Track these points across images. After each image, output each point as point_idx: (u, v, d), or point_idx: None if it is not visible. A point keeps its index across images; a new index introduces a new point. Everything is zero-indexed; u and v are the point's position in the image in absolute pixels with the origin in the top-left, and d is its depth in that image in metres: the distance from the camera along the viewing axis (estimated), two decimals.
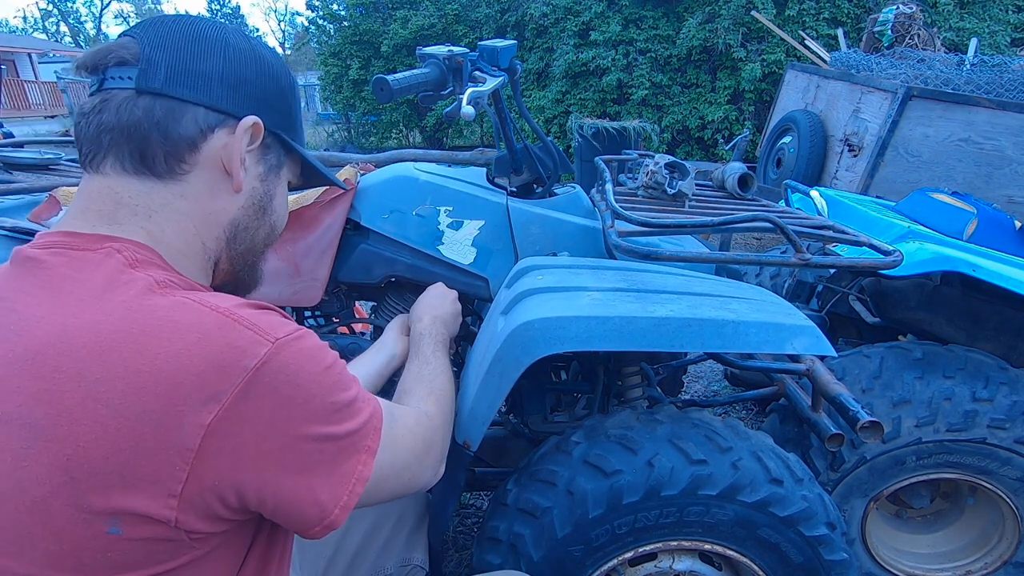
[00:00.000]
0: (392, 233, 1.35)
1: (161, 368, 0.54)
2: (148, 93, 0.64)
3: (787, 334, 1.01)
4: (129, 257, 0.62)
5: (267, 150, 0.74)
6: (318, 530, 0.64)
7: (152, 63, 0.64)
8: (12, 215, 1.42)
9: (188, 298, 0.60)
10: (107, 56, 0.65)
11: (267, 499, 0.60)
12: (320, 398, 0.62)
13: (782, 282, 2.35)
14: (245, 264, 0.77)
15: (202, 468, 0.55)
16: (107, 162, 0.65)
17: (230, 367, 0.56)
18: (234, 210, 0.72)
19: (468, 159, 6.38)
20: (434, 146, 9.99)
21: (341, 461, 0.64)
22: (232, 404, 0.56)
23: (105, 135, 0.64)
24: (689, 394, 2.82)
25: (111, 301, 0.58)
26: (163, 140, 0.65)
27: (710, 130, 7.66)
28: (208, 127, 0.67)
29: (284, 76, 0.75)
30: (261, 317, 0.61)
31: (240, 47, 0.70)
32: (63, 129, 8.07)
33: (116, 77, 0.65)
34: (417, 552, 1.15)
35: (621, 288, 1.10)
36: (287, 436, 0.60)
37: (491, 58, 1.24)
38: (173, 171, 0.66)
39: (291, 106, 0.76)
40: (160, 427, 0.54)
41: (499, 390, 0.99)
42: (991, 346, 1.68)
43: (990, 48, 6.76)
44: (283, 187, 0.79)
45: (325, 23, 10.36)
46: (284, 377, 0.59)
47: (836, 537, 1.09)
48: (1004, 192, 3.49)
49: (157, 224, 0.66)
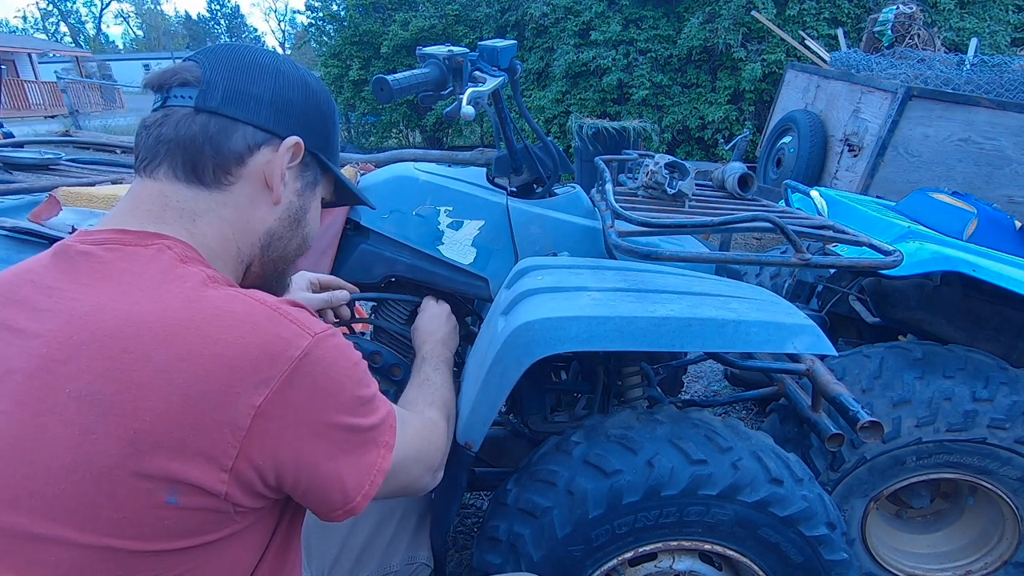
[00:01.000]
0: (392, 233, 1.35)
1: (222, 353, 0.60)
2: (205, 111, 0.72)
3: (788, 333, 1.01)
4: (179, 253, 0.68)
5: (305, 168, 0.81)
6: (340, 514, 0.70)
7: (211, 85, 0.72)
8: (12, 215, 1.42)
9: (239, 292, 0.67)
10: (172, 77, 0.73)
11: (301, 480, 0.66)
12: (349, 391, 0.68)
13: (782, 282, 2.35)
14: (275, 271, 0.84)
15: (250, 446, 0.61)
16: (161, 169, 0.72)
17: (279, 355, 0.62)
18: (271, 220, 0.79)
19: (468, 159, 6.39)
20: (434, 146, 9.98)
21: (364, 452, 0.71)
22: (279, 388, 0.62)
23: (163, 146, 0.71)
24: (689, 394, 2.82)
25: (170, 292, 0.63)
26: (214, 153, 0.72)
27: (710, 130, 7.66)
28: (255, 144, 0.74)
29: (326, 103, 0.83)
30: (300, 313, 0.67)
31: (289, 74, 0.78)
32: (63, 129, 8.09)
33: (178, 96, 0.72)
34: (422, 550, 1.16)
35: (621, 288, 1.10)
36: (320, 423, 0.66)
37: (491, 58, 1.24)
38: (220, 181, 0.73)
39: (330, 130, 0.84)
40: (218, 406, 0.59)
41: (500, 390, 0.99)
42: (991, 346, 1.68)
43: (990, 48, 6.75)
44: (317, 203, 0.86)
45: (325, 24, 10.36)
46: (321, 368, 0.65)
47: (836, 537, 1.09)
48: (1004, 192, 3.49)
49: (199, 227, 0.72)
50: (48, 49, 24.76)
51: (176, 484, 0.59)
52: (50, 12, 43.89)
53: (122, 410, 0.58)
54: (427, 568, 1.16)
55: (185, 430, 0.58)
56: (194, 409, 0.58)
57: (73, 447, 0.57)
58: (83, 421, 0.58)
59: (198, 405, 0.59)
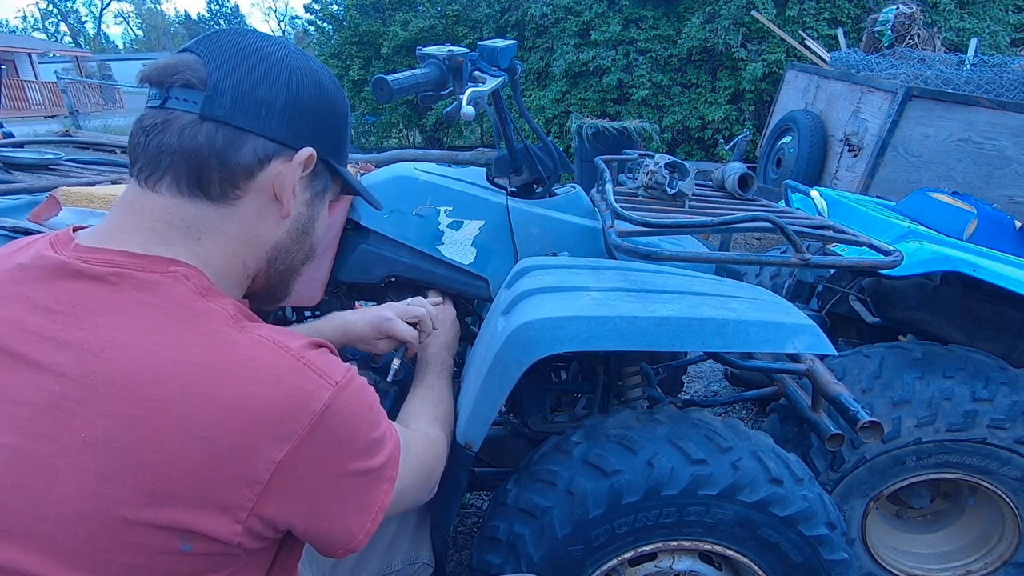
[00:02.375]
0: (392, 233, 1.35)
1: (246, 407, 0.59)
2: (212, 120, 0.66)
3: (787, 333, 1.01)
4: (198, 285, 0.65)
5: (316, 177, 0.77)
6: (342, 552, 0.70)
7: (218, 90, 0.66)
8: (12, 215, 1.42)
9: (263, 337, 0.64)
10: (173, 75, 0.66)
11: (311, 526, 0.66)
12: (364, 436, 0.68)
13: (782, 282, 2.35)
14: (280, 281, 0.81)
15: (267, 499, 0.61)
16: (164, 182, 0.66)
17: (301, 409, 0.61)
18: (279, 234, 0.75)
19: (468, 159, 6.38)
20: (434, 146, 9.98)
21: (369, 492, 0.70)
22: (300, 443, 0.61)
23: (165, 157, 0.66)
24: (689, 394, 2.82)
25: (193, 333, 0.61)
26: (221, 167, 0.67)
27: (710, 130, 7.65)
28: (266, 157, 0.69)
29: (340, 101, 0.77)
30: (322, 359, 0.66)
31: (302, 72, 0.71)
32: (63, 129, 8.09)
33: (181, 99, 0.66)
34: (424, 550, 1.16)
35: (621, 288, 1.10)
36: (336, 473, 0.65)
37: (491, 58, 1.24)
38: (226, 196, 0.68)
39: (342, 132, 0.79)
40: (240, 460, 0.58)
41: (500, 390, 0.99)
42: (991, 346, 1.68)
43: (990, 48, 6.75)
44: (325, 210, 0.82)
45: (324, 24, 10.36)
46: (341, 419, 0.64)
47: (836, 537, 1.09)
48: (1004, 192, 3.49)
49: (205, 247, 0.68)
50: (48, 49, 24.77)
51: (190, 534, 0.58)
52: (50, 12, 43.89)
53: (141, 460, 0.56)
54: (429, 568, 1.16)
55: (204, 483, 0.58)
56: (214, 461, 0.57)
57: (89, 495, 0.56)
58: (100, 468, 0.56)
59: (220, 459, 0.58)
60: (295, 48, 0.74)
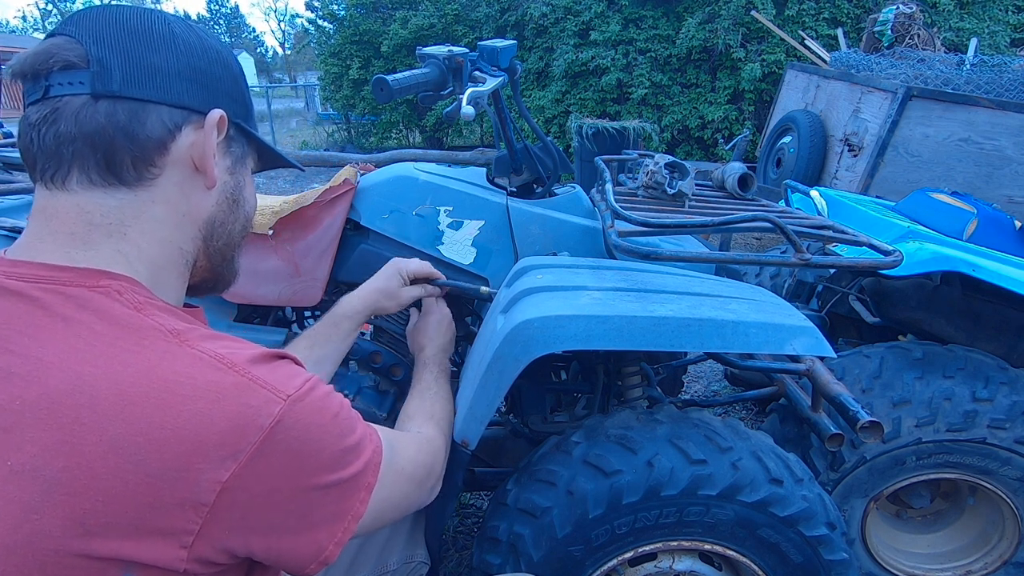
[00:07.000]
0: (392, 233, 1.35)
1: (183, 427, 0.55)
2: (106, 97, 0.60)
3: (787, 334, 1.01)
4: (131, 300, 0.60)
5: (231, 142, 0.72)
6: (313, 567, 0.65)
7: (104, 64, 0.60)
8: (12, 215, 1.42)
9: (203, 352, 0.59)
10: (48, 61, 0.60)
11: (272, 546, 0.61)
12: (329, 448, 0.63)
13: (782, 282, 2.35)
14: (223, 259, 0.76)
15: (214, 522, 0.56)
16: (72, 177, 0.61)
17: (247, 426, 0.57)
18: (209, 207, 0.70)
19: (468, 159, 6.39)
20: (434, 146, 9.97)
21: (341, 502, 0.66)
22: (247, 462, 0.57)
23: (66, 147, 0.60)
24: (689, 394, 2.82)
25: (127, 351, 0.57)
26: (130, 145, 0.61)
27: (710, 130, 7.65)
28: (175, 126, 0.64)
29: (233, 61, 0.72)
30: (274, 372, 0.61)
31: (187, 37, 0.66)
32: None
33: (65, 83, 0.60)
34: (420, 549, 1.16)
35: (621, 288, 1.10)
36: (295, 489, 0.61)
37: (491, 58, 1.24)
38: (142, 176, 0.63)
39: (244, 92, 0.74)
40: (179, 483, 0.54)
41: (498, 389, 0.99)
42: (991, 346, 1.68)
43: (990, 48, 6.75)
44: (250, 176, 0.78)
45: (325, 23, 10.36)
46: (295, 433, 0.60)
47: (836, 537, 1.09)
48: (1004, 192, 3.50)
49: (133, 242, 0.64)
50: None
51: (131, 563, 0.54)
52: (50, 12, 43.86)
53: (70, 488, 0.52)
54: (425, 566, 1.16)
55: (141, 509, 0.53)
56: (151, 487, 0.53)
57: (12, 527, 0.52)
58: (26, 499, 0.52)
59: (156, 483, 0.53)
60: (172, 15, 0.69)
